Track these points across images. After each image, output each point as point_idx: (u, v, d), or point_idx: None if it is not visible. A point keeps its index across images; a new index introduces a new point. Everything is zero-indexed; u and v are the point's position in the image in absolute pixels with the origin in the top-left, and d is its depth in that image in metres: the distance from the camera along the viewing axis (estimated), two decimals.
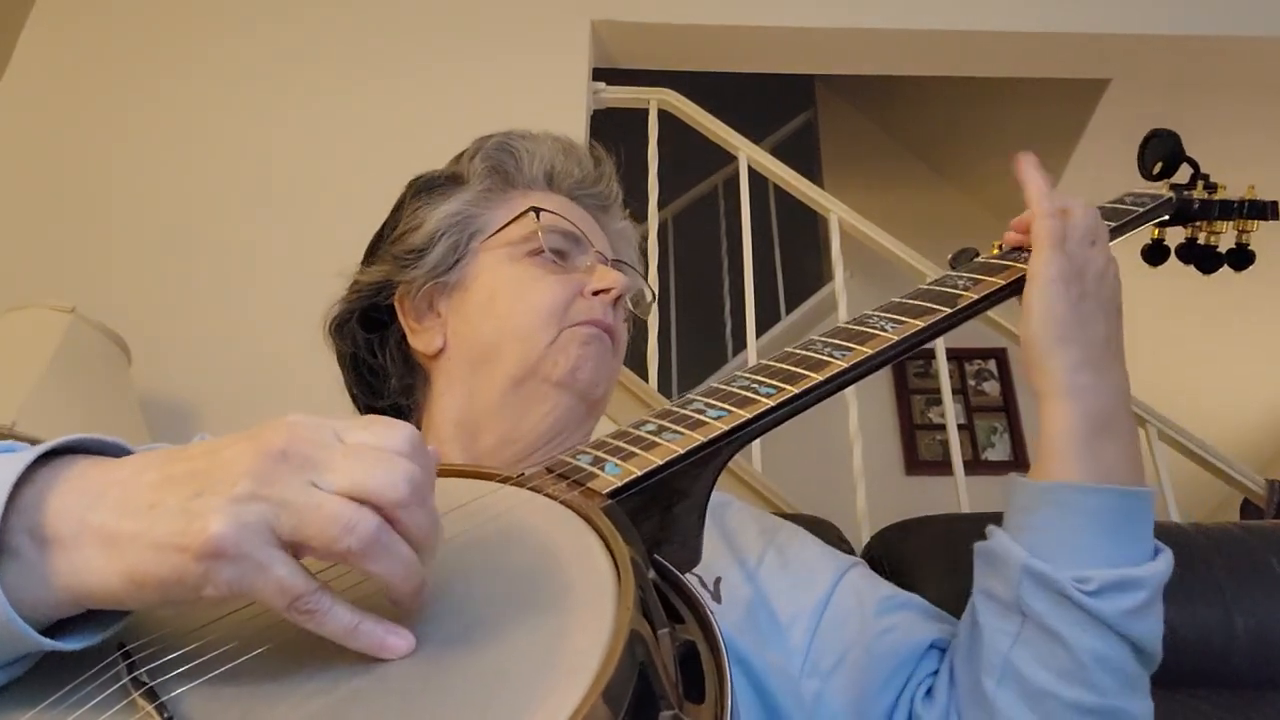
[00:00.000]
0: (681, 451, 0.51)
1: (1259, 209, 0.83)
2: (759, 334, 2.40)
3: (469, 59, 2.25)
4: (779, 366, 0.59)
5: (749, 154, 2.27)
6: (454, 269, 0.77)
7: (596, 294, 0.75)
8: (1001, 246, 0.73)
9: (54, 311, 1.50)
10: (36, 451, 0.40)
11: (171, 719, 0.36)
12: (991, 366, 3.92)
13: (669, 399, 2.10)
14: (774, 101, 4.37)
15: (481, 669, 0.37)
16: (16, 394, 1.34)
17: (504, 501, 0.49)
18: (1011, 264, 0.69)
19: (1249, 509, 2.22)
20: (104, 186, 2.02)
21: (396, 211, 0.83)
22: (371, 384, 0.81)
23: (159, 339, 1.76)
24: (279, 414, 0.40)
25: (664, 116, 2.31)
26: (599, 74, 2.37)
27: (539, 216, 0.76)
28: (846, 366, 0.58)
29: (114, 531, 0.37)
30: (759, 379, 0.58)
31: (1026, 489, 0.63)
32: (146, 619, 0.42)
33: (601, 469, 0.50)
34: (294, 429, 0.39)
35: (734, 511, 0.78)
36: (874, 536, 1.12)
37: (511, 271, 0.76)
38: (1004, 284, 0.67)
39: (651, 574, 0.42)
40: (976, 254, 0.74)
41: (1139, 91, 3.11)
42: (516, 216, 0.78)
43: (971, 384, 3.90)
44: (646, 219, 2.11)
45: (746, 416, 0.53)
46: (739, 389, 0.57)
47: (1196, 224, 0.85)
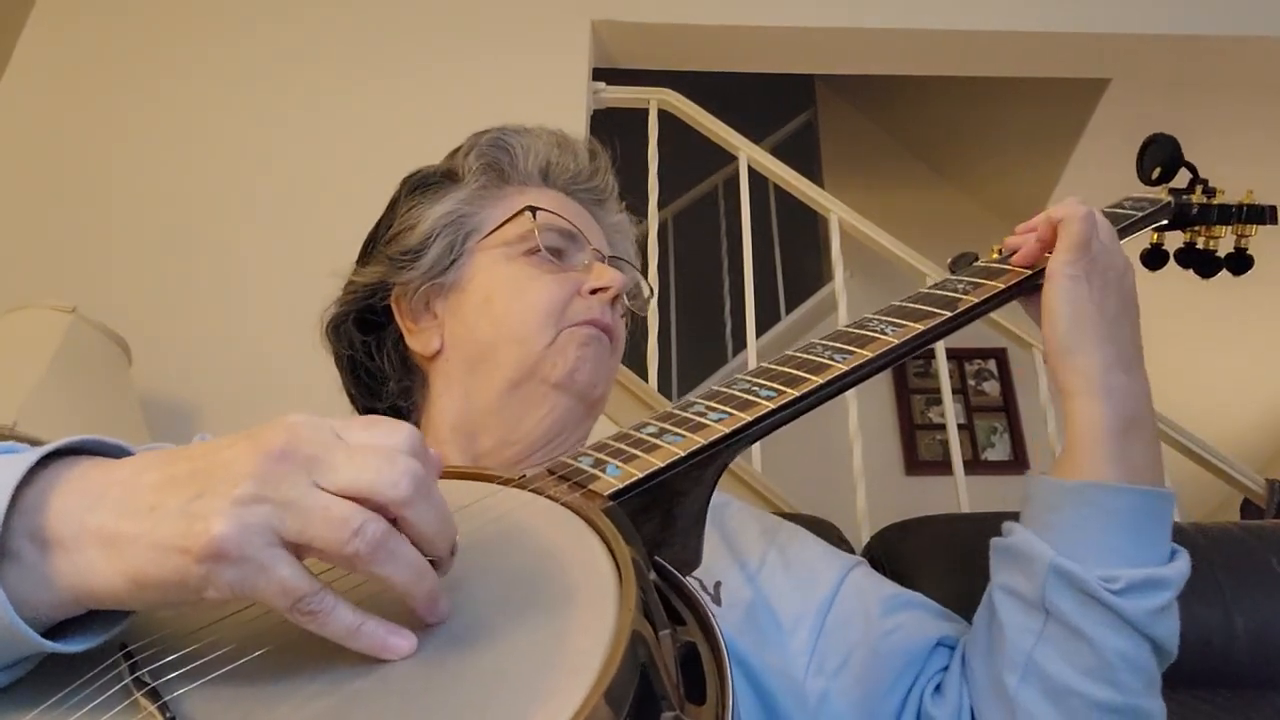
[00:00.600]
0: (682, 454, 0.51)
1: (1257, 214, 0.83)
2: (759, 334, 2.40)
3: (469, 59, 2.25)
4: (779, 369, 0.59)
5: (749, 154, 2.27)
6: (450, 270, 0.76)
7: (594, 292, 0.75)
8: (1001, 251, 0.73)
9: (54, 311, 1.50)
10: (38, 453, 0.40)
11: (174, 719, 0.36)
12: (991, 366, 3.92)
13: (669, 399, 2.11)
14: (774, 101, 4.37)
15: (483, 670, 0.37)
16: (17, 394, 1.34)
17: (505, 503, 0.49)
18: (1011, 268, 0.69)
19: (1249, 509, 2.22)
20: (104, 186, 2.02)
21: (391, 210, 0.82)
22: (369, 385, 0.80)
23: (159, 339, 1.76)
24: (279, 414, 0.40)
25: (664, 116, 2.31)
26: (599, 74, 2.37)
27: (535, 215, 0.76)
28: (847, 370, 0.58)
29: (115, 533, 0.37)
30: (759, 382, 0.58)
31: (1053, 487, 0.63)
32: (148, 619, 0.42)
33: (603, 471, 0.50)
34: (294, 429, 0.39)
35: (734, 512, 0.78)
36: (874, 536, 1.12)
37: (508, 272, 0.75)
38: (1004, 288, 0.67)
39: (653, 575, 0.42)
40: (976, 258, 0.74)
41: (1139, 91, 3.11)
42: (512, 216, 0.77)
43: (971, 384, 3.90)
44: (646, 219, 2.10)
45: (747, 419, 0.54)
46: (739, 392, 0.57)
47: (1195, 229, 0.85)
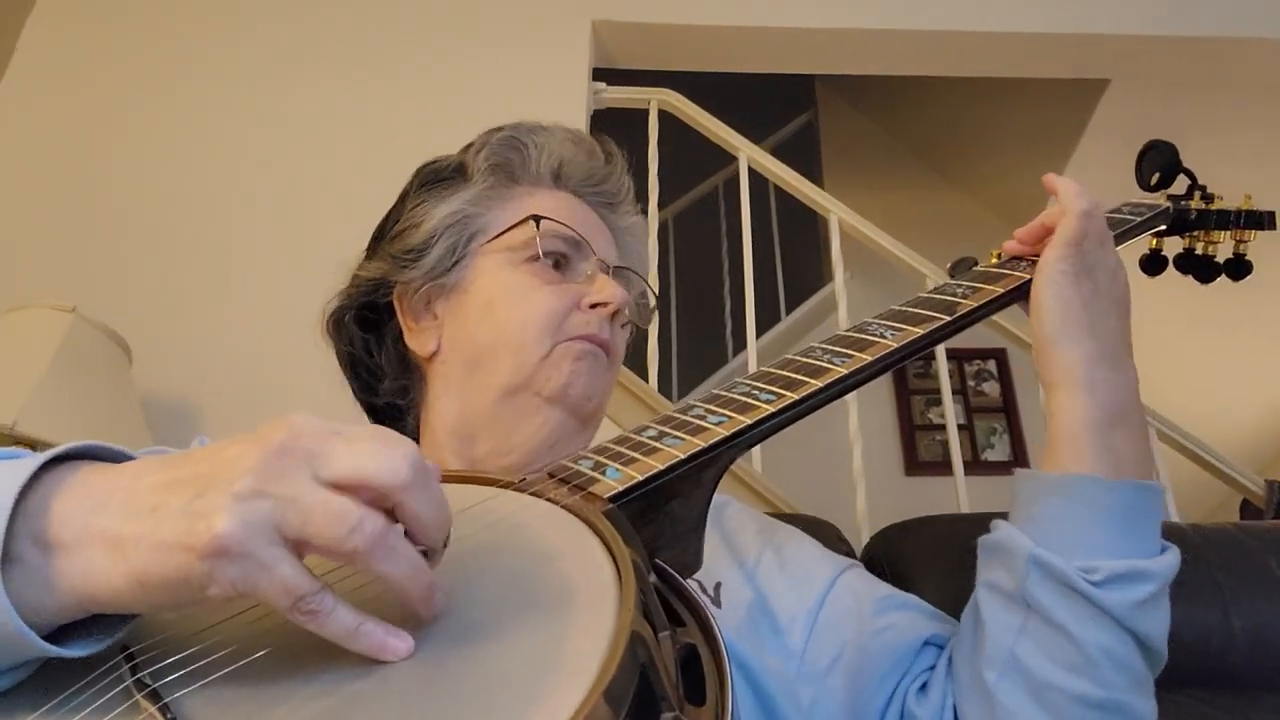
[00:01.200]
0: (682, 456, 0.51)
1: (1256, 219, 0.82)
2: (759, 334, 2.40)
3: (469, 59, 2.25)
4: (779, 373, 0.59)
5: (749, 154, 2.27)
6: (452, 271, 0.76)
7: (594, 307, 0.74)
8: (1000, 255, 0.73)
9: (55, 311, 1.50)
10: (41, 459, 0.40)
11: None
12: (991, 367, 3.92)
13: (669, 400, 2.11)
14: (774, 101, 4.37)
15: (483, 671, 0.37)
16: (17, 394, 1.34)
17: (505, 506, 0.49)
18: (1010, 273, 0.69)
19: (1248, 509, 2.22)
20: (104, 186, 2.02)
21: (401, 202, 0.81)
22: (368, 382, 0.81)
23: (160, 339, 1.76)
24: (279, 414, 0.40)
25: (664, 117, 2.31)
26: (599, 74, 2.37)
27: (539, 225, 0.75)
28: (846, 373, 0.58)
29: (117, 534, 0.38)
30: (759, 385, 0.58)
31: (1036, 480, 0.63)
32: (150, 622, 0.42)
33: (602, 474, 0.50)
34: (294, 425, 0.39)
35: (733, 512, 0.78)
36: (874, 537, 1.12)
37: (510, 278, 0.74)
38: (1002, 292, 0.67)
39: (653, 578, 0.42)
40: (975, 263, 0.74)
41: (1139, 91, 3.11)
42: (517, 223, 0.76)
43: (971, 384, 3.90)
44: (647, 220, 2.10)
45: (747, 422, 0.54)
46: (739, 395, 0.57)
47: (1194, 234, 0.85)
